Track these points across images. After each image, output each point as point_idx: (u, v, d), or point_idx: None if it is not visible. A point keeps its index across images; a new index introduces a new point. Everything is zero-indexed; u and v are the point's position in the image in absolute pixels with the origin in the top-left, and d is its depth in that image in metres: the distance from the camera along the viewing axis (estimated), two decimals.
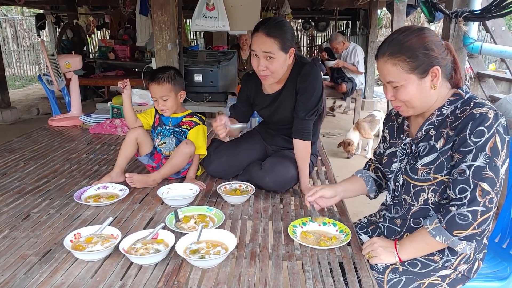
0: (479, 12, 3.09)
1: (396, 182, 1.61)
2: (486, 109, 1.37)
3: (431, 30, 1.46)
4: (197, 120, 2.34)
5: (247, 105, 2.36)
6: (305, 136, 2.14)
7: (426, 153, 1.49)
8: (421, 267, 1.50)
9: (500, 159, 1.34)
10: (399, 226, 1.63)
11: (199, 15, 4.31)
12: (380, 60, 1.46)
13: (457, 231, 1.36)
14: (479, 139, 1.35)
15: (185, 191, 2.07)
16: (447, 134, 1.44)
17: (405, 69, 1.41)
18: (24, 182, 2.27)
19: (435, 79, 1.42)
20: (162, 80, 2.19)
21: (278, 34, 1.97)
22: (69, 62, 3.58)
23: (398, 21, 6.20)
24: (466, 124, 1.38)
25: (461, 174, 1.37)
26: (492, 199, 1.33)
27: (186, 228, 1.70)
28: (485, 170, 1.33)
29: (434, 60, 1.40)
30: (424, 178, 1.49)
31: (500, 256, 1.85)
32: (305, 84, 2.10)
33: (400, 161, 1.59)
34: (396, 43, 1.42)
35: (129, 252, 1.48)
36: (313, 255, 1.54)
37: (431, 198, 1.50)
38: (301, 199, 2.08)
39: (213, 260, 1.43)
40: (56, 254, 1.53)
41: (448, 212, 1.37)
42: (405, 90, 1.43)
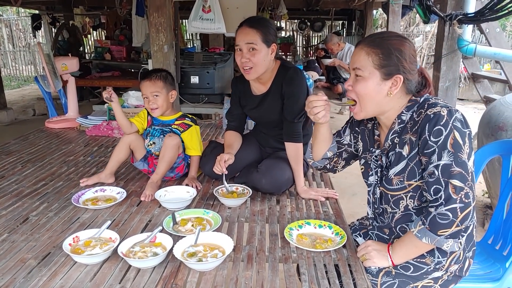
0: (473, 15, 3.12)
1: (374, 194, 1.64)
2: (439, 108, 1.39)
3: (412, 44, 1.49)
4: (189, 122, 2.35)
5: (240, 107, 2.41)
6: (295, 139, 2.18)
7: (395, 161, 1.51)
8: (414, 270, 1.53)
9: (464, 153, 1.36)
10: (387, 235, 1.65)
11: (196, 17, 4.33)
12: (358, 47, 1.51)
13: (441, 231, 1.37)
14: (438, 138, 1.37)
15: (182, 193, 2.09)
16: (410, 140, 1.46)
17: (374, 63, 1.45)
18: (22, 185, 2.28)
19: (393, 87, 1.46)
20: (154, 78, 2.24)
21: (261, 27, 2.07)
22: (66, 64, 3.59)
23: (393, 22, 6.24)
24: (424, 126, 1.40)
25: (431, 175, 1.39)
26: (468, 194, 1.34)
27: (183, 231, 1.72)
28: (452, 166, 1.35)
29: (401, 68, 1.44)
30: (400, 187, 1.51)
31: (493, 258, 1.87)
32: (290, 88, 2.16)
33: (375, 174, 1.62)
34: (379, 36, 1.49)
35: (128, 256, 1.50)
36: (309, 257, 1.57)
37: (410, 204, 1.52)
38: (297, 201, 2.11)
39: (211, 263, 1.45)
40: (55, 258, 1.55)
41: (429, 213, 1.39)
42: (364, 83, 1.47)
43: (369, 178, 1.65)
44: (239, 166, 2.34)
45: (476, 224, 1.50)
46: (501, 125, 2.78)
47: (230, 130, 2.41)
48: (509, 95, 3.13)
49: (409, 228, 1.48)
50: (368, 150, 1.67)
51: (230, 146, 2.31)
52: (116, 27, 9.48)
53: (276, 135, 2.36)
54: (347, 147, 1.79)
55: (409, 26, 14.12)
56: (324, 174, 2.52)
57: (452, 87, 3.66)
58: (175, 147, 2.20)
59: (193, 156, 2.35)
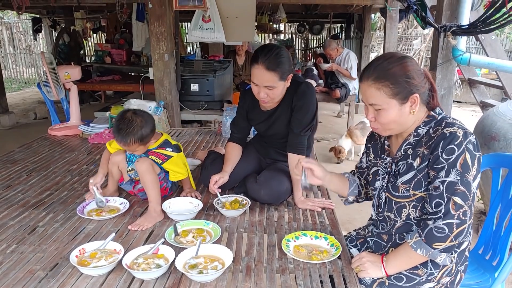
0: (467, 27, 3.19)
1: (379, 199, 1.72)
2: (455, 128, 1.47)
3: (412, 59, 1.56)
4: (170, 152, 2.20)
5: (246, 120, 2.44)
6: (299, 151, 2.24)
7: (405, 171, 1.59)
8: (406, 281, 1.60)
9: (471, 174, 1.44)
10: (385, 241, 1.73)
11: (196, 27, 4.39)
12: (365, 83, 1.56)
13: (436, 244, 1.46)
14: (450, 156, 1.45)
15: (186, 205, 2.15)
16: (423, 153, 1.54)
17: (387, 94, 1.51)
18: (28, 194, 2.35)
19: (413, 105, 1.52)
20: (127, 142, 2.05)
21: (277, 67, 2.06)
22: (69, 73, 3.66)
23: (390, 28, 6.32)
24: (438, 143, 1.48)
25: (435, 189, 1.47)
26: (466, 212, 1.43)
27: (184, 243, 1.79)
28: (457, 185, 1.43)
29: (414, 88, 1.50)
30: (405, 195, 1.59)
31: (483, 267, 1.94)
32: (300, 102, 2.20)
33: (382, 179, 1.70)
34: (381, 69, 1.52)
35: (132, 267, 1.57)
36: (305, 268, 1.64)
37: (412, 213, 1.60)
38: (294, 211, 2.18)
39: (211, 275, 1.52)
40: (63, 269, 1.62)
41: (426, 226, 1.48)
42: (386, 113, 1.54)
43: (376, 183, 1.73)
44: (238, 176, 2.41)
45: (471, 239, 1.57)
46: (494, 135, 2.85)
47: (232, 142, 2.45)
48: (502, 104, 3.20)
49: (406, 239, 1.56)
50: (379, 157, 1.75)
51: (228, 161, 2.36)
52: (117, 30, 9.53)
53: (279, 147, 2.41)
54: (367, 170, 1.87)
55: (408, 28, 14.20)
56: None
57: (447, 95, 3.73)
58: (148, 169, 2.06)
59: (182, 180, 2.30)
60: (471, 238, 1.57)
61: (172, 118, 4.38)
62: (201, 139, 3.60)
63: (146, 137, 2.10)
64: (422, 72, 1.55)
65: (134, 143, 2.06)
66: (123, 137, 2.04)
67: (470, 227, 1.48)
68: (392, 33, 6.18)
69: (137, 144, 2.07)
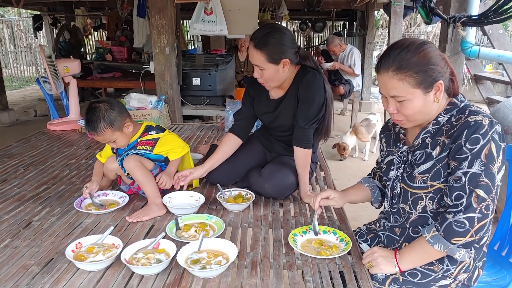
0: (477, 17, 3.10)
1: (393, 190, 1.63)
2: (481, 117, 1.38)
3: (432, 44, 1.46)
4: (154, 135, 2.11)
5: (251, 107, 2.33)
6: (305, 144, 2.14)
7: (423, 161, 1.50)
8: (421, 277, 1.51)
9: (495, 166, 1.36)
10: (398, 235, 1.64)
11: (197, 19, 4.31)
12: (384, 75, 1.44)
13: (455, 239, 1.37)
14: (474, 146, 1.36)
15: (186, 199, 2.07)
16: (443, 142, 1.45)
17: (411, 84, 1.41)
18: (24, 188, 2.27)
19: (438, 92, 1.43)
20: (99, 129, 1.94)
21: (264, 46, 1.97)
22: (68, 67, 3.58)
23: (395, 23, 6.20)
24: (462, 131, 1.39)
25: (457, 181, 1.38)
26: (488, 206, 1.34)
27: (186, 237, 1.71)
28: (481, 177, 1.35)
29: (438, 74, 1.41)
30: (422, 186, 1.50)
31: (500, 264, 1.86)
32: (305, 92, 2.10)
33: (397, 169, 1.61)
34: (401, 58, 1.41)
35: (131, 262, 1.48)
36: (314, 264, 1.55)
37: (429, 205, 1.51)
38: (300, 205, 2.10)
39: (214, 270, 1.44)
40: (58, 264, 1.54)
41: (445, 219, 1.39)
42: (410, 104, 1.44)
43: (390, 173, 1.64)
44: (242, 170, 2.33)
45: (489, 234, 1.49)
46: (506, 129, 2.76)
47: (231, 133, 2.30)
48: None
49: (422, 233, 1.47)
50: (394, 146, 1.66)
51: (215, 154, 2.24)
52: (117, 27, 9.47)
53: (285, 140, 2.30)
54: None
55: (410, 26, 14.11)
56: (327, 177, 2.51)
57: None
58: (136, 165, 1.98)
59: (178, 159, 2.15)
60: (489, 233, 1.48)
61: (173, 113, 4.30)
62: (202, 134, 3.52)
63: (115, 120, 1.96)
64: (442, 56, 1.46)
65: (105, 129, 1.93)
66: (93, 127, 1.94)
67: (491, 222, 1.39)
68: (397, 29, 6.07)
69: (109, 130, 1.95)
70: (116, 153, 2.13)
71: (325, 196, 1.75)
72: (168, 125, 3.90)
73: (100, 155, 2.19)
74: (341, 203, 1.79)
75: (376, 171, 1.87)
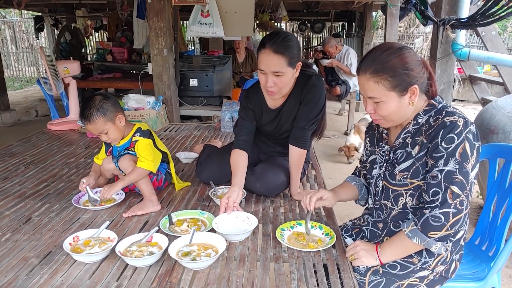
0: (466, 20, 3.18)
1: (376, 187, 1.71)
2: (456, 118, 1.46)
3: (410, 50, 1.54)
4: (136, 137, 2.14)
5: (251, 119, 2.29)
6: (302, 145, 2.20)
7: (403, 159, 1.58)
8: (400, 269, 1.59)
9: (469, 164, 1.44)
10: (381, 230, 1.72)
11: (195, 22, 4.39)
12: (362, 77, 1.53)
13: (432, 233, 1.45)
14: (450, 145, 1.44)
15: (237, 223, 1.90)
16: (422, 142, 1.53)
17: (386, 87, 1.49)
18: (24, 186, 2.36)
19: (413, 96, 1.51)
20: (92, 117, 2.01)
21: (286, 50, 1.96)
22: (68, 68, 3.67)
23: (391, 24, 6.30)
24: (438, 131, 1.47)
25: (434, 178, 1.46)
26: (463, 201, 1.42)
27: (179, 232, 1.79)
28: (455, 174, 1.43)
29: (413, 79, 1.49)
30: (402, 183, 1.58)
31: (480, 258, 1.93)
32: (310, 95, 2.14)
33: (379, 167, 1.69)
34: (379, 61, 1.49)
35: (125, 254, 1.56)
36: (299, 257, 1.63)
37: (409, 202, 1.59)
38: (290, 202, 2.17)
39: (204, 262, 1.52)
40: (56, 256, 1.62)
41: (423, 215, 1.47)
42: (385, 106, 1.52)
43: (373, 171, 1.72)
44: None
45: (467, 229, 1.56)
46: (492, 128, 2.84)
47: (238, 149, 2.22)
48: (501, 98, 3.18)
49: (402, 228, 1.55)
50: (377, 146, 1.74)
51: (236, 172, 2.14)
52: (118, 28, 9.54)
53: (281, 144, 2.36)
54: None
55: (410, 27, 14.16)
56: (318, 176, 2.58)
57: (446, 90, 3.72)
58: (131, 165, 2.07)
59: (138, 169, 2.08)
60: (467, 228, 1.56)
61: (171, 113, 4.38)
62: (199, 134, 3.60)
63: (108, 111, 2.03)
64: (420, 61, 1.54)
65: (98, 118, 2.00)
66: (87, 115, 2.01)
67: (466, 217, 1.47)
68: (393, 30, 6.17)
69: (101, 119, 2.01)
70: (111, 154, 2.21)
71: (319, 197, 1.82)
72: (166, 125, 3.99)
73: (97, 158, 2.27)
74: (334, 202, 1.86)
75: (361, 170, 1.95)
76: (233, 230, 1.80)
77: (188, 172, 2.65)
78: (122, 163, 2.09)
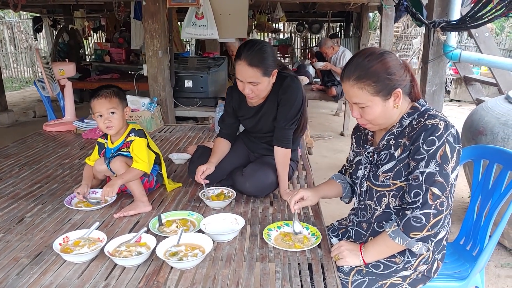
0: (456, 22, 3.21)
1: (361, 188, 1.75)
2: (437, 121, 1.50)
3: (392, 54, 1.58)
4: (132, 137, 2.18)
5: (234, 117, 2.47)
6: (285, 144, 2.26)
7: (387, 161, 1.62)
8: (383, 268, 1.63)
9: (449, 166, 1.47)
10: (365, 230, 1.76)
11: (189, 24, 4.43)
12: (346, 83, 1.57)
13: (413, 233, 1.49)
14: (430, 147, 1.48)
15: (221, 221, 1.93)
16: (404, 144, 1.57)
17: (370, 92, 1.53)
18: (18, 187, 2.39)
19: (397, 99, 1.55)
20: (109, 94, 2.12)
21: (260, 63, 2.07)
22: (63, 70, 3.70)
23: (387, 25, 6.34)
24: (420, 134, 1.51)
25: (415, 179, 1.50)
26: (443, 203, 1.46)
27: (168, 232, 1.82)
28: (436, 176, 1.46)
29: (396, 83, 1.53)
30: (385, 184, 1.62)
31: (464, 258, 1.97)
32: (285, 95, 2.22)
33: (364, 168, 1.73)
34: (361, 67, 1.53)
35: (114, 255, 1.60)
36: (285, 256, 1.66)
37: (392, 202, 1.63)
38: (279, 203, 2.21)
39: (190, 262, 1.55)
40: (46, 256, 1.66)
41: (405, 215, 1.51)
42: (370, 110, 1.56)
43: (358, 172, 1.76)
44: (226, 169, 2.44)
45: (449, 229, 1.60)
46: (481, 130, 2.87)
47: (221, 138, 2.47)
48: (491, 99, 3.22)
49: (385, 228, 1.59)
50: (361, 147, 1.78)
51: (214, 153, 2.38)
52: (116, 29, 9.58)
53: (267, 141, 2.43)
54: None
55: (407, 28, 14.20)
56: (308, 177, 2.62)
57: (438, 91, 3.76)
58: (122, 166, 2.11)
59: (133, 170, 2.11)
60: (449, 228, 1.60)
61: (166, 114, 4.42)
62: (194, 135, 3.64)
63: (122, 99, 2.18)
64: (402, 65, 1.57)
65: (115, 97, 2.13)
66: (107, 93, 2.12)
67: (447, 218, 1.51)
68: (388, 31, 6.20)
69: (117, 100, 2.13)
70: (103, 156, 2.25)
71: (299, 198, 1.85)
72: (161, 126, 4.02)
73: (89, 159, 2.31)
74: (315, 200, 1.90)
75: (347, 168, 1.98)
76: (221, 231, 1.84)
77: (181, 173, 2.68)
78: (114, 164, 2.12)
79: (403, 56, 13.22)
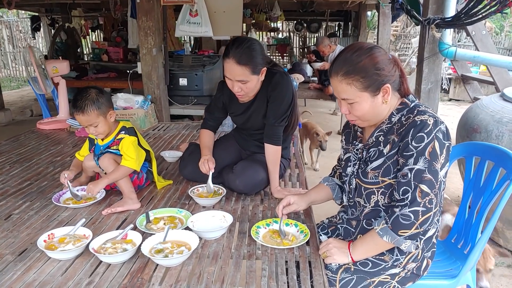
0: (450, 19, 3.19)
1: (350, 185, 1.72)
2: (426, 117, 1.47)
3: (381, 49, 1.55)
4: (121, 135, 2.17)
5: (221, 111, 2.45)
6: (275, 141, 2.24)
7: (375, 158, 1.59)
8: (372, 266, 1.61)
9: (439, 162, 1.45)
10: (354, 227, 1.74)
11: (183, 21, 4.42)
12: (334, 79, 1.54)
13: (402, 231, 1.46)
14: (419, 144, 1.45)
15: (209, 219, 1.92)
16: (393, 140, 1.55)
17: (358, 88, 1.50)
18: (7, 184, 2.37)
19: (386, 95, 1.52)
20: (85, 108, 2.01)
21: (248, 61, 2.04)
22: (57, 67, 3.68)
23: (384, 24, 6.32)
24: (409, 130, 1.48)
25: (404, 176, 1.48)
26: (432, 200, 1.44)
27: (155, 229, 1.80)
28: (425, 173, 1.44)
29: (385, 78, 1.50)
30: (374, 181, 1.60)
31: (455, 256, 1.95)
32: (275, 92, 2.20)
33: (353, 165, 1.70)
34: (349, 63, 1.50)
35: (99, 252, 1.58)
36: (272, 254, 1.65)
37: (381, 200, 1.61)
38: (270, 201, 2.19)
39: (176, 259, 1.53)
40: (31, 253, 1.64)
41: (393, 213, 1.48)
42: (359, 106, 1.54)
43: (347, 169, 1.73)
44: (218, 167, 2.41)
45: (439, 227, 1.58)
46: (476, 127, 2.85)
47: (206, 129, 2.44)
48: (486, 97, 3.20)
49: (373, 226, 1.57)
50: (351, 144, 1.76)
51: (206, 147, 2.36)
52: (114, 28, 9.57)
53: (258, 138, 2.40)
54: None
55: (406, 27, 14.18)
56: (301, 174, 2.60)
57: (434, 89, 3.73)
58: (111, 163, 2.10)
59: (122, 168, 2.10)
60: (439, 226, 1.58)
61: (160, 112, 4.40)
62: (187, 133, 3.62)
63: (102, 105, 2.06)
64: (391, 60, 1.55)
65: (92, 110, 2.02)
66: (81, 106, 2.02)
67: (436, 215, 1.49)
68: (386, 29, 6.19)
69: (95, 112, 2.03)
70: (93, 152, 2.23)
71: (286, 204, 1.84)
72: (155, 124, 4.00)
73: (79, 154, 2.29)
74: (304, 205, 1.87)
75: (337, 169, 1.96)
76: (209, 228, 1.82)
77: (172, 171, 2.66)
78: (103, 161, 2.10)
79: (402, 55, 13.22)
